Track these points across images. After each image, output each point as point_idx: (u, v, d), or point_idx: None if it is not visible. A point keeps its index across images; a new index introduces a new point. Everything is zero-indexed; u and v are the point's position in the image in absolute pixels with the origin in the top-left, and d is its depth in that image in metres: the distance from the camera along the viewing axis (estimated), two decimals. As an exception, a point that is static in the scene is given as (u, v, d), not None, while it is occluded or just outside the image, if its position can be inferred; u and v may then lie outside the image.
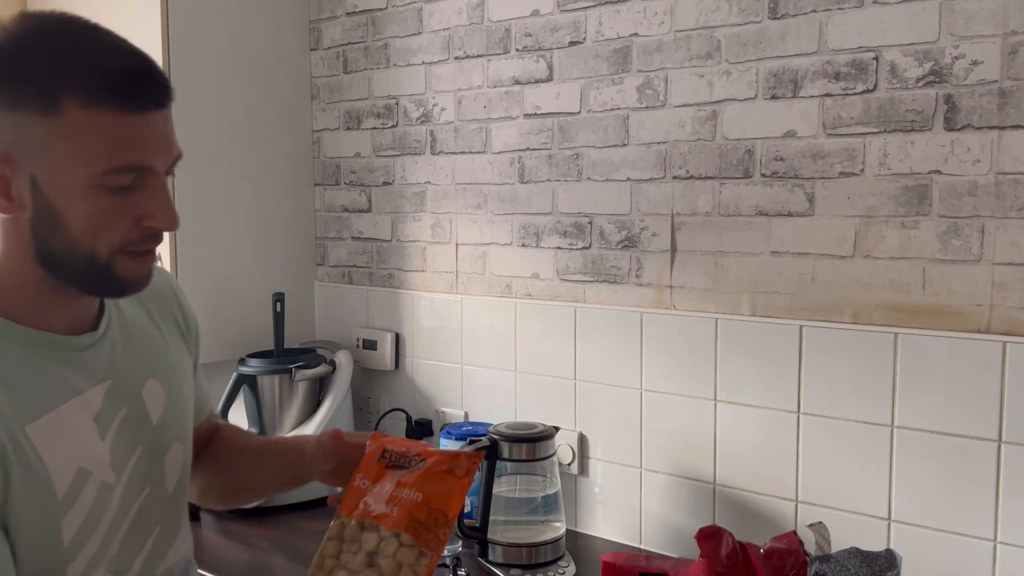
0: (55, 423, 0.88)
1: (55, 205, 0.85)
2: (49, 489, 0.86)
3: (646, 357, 1.77)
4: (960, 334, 1.43)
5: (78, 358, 0.94)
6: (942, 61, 1.43)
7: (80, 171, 0.83)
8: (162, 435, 1.02)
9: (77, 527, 0.89)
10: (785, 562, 1.32)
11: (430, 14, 2.10)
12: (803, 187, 1.58)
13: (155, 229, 0.89)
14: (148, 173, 0.87)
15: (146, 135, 0.85)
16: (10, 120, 0.83)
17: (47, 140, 0.83)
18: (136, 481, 0.98)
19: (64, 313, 0.93)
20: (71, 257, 0.87)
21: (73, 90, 0.82)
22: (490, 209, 2.02)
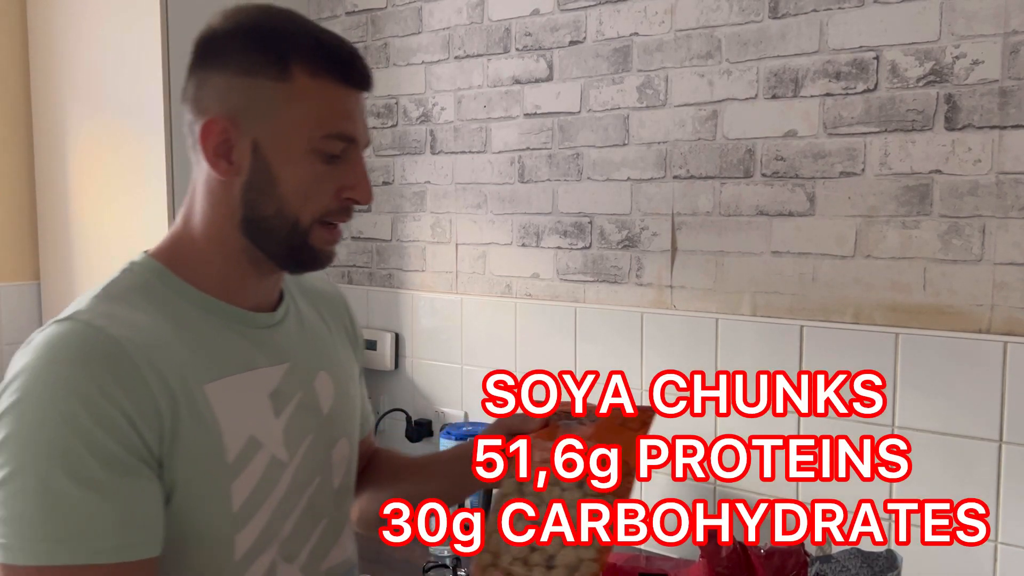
0: (232, 388, 0.91)
1: (272, 168, 0.90)
2: (220, 449, 0.88)
3: (647, 357, 1.77)
4: (961, 334, 1.43)
5: (259, 336, 0.96)
6: (943, 61, 1.43)
7: (302, 134, 0.89)
8: (331, 427, 1.03)
9: (247, 495, 0.90)
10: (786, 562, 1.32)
11: (430, 13, 2.09)
12: (804, 187, 1.58)
13: (352, 201, 0.94)
14: (353, 147, 0.93)
15: (355, 110, 0.93)
16: (244, 85, 0.89)
17: (275, 104, 0.89)
18: (307, 468, 0.98)
19: (251, 290, 0.97)
20: (277, 222, 0.91)
21: (301, 60, 0.89)
22: (490, 209, 2.02)
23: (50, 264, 2.38)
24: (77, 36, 2.23)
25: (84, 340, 0.83)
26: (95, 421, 0.80)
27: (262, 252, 0.94)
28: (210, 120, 0.90)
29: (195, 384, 0.87)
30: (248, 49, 0.90)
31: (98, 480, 0.80)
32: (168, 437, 0.84)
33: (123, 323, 0.86)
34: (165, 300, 0.91)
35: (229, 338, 0.93)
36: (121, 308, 0.88)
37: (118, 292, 0.91)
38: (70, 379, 0.80)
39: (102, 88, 2.17)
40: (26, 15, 2.38)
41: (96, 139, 2.19)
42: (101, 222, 2.21)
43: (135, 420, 0.82)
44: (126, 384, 0.82)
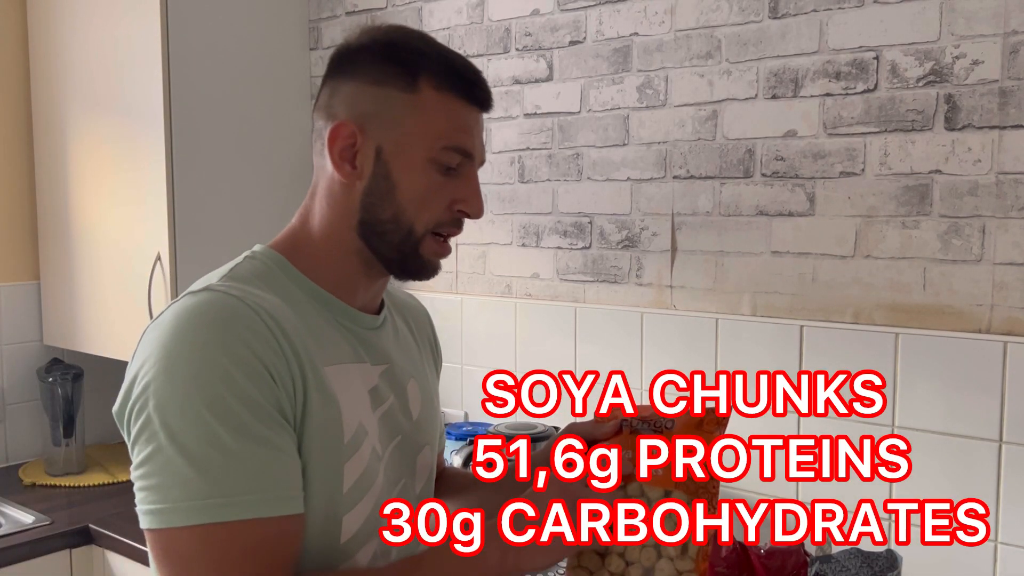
0: (344, 375, 0.94)
1: (393, 174, 0.94)
2: (340, 428, 0.91)
3: (647, 357, 1.77)
4: (961, 334, 1.43)
5: (365, 335, 1.00)
6: (943, 61, 1.43)
7: (424, 143, 0.93)
8: (417, 433, 1.05)
9: (355, 478, 0.92)
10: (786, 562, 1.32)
11: (430, 13, 2.09)
12: (804, 187, 1.58)
13: (464, 214, 0.97)
14: (469, 162, 0.97)
15: (475, 127, 0.98)
16: (373, 93, 0.94)
17: (402, 113, 0.93)
18: (395, 467, 1.00)
19: (360, 291, 1.00)
20: (392, 227, 0.95)
21: (429, 74, 0.94)
22: (490, 209, 2.02)
23: (50, 264, 2.38)
24: (77, 36, 2.23)
25: (225, 305, 0.86)
26: (246, 376, 0.82)
27: (375, 255, 0.97)
28: (339, 123, 0.94)
29: (318, 363, 0.90)
30: (380, 61, 0.95)
31: (254, 433, 0.82)
32: (300, 406, 0.87)
33: (255, 297, 0.89)
34: (284, 287, 0.95)
35: (339, 331, 0.97)
36: (249, 287, 0.91)
37: (243, 275, 0.94)
38: (218, 340, 0.83)
39: (102, 88, 2.17)
40: (26, 15, 2.38)
41: (96, 139, 2.19)
42: (101, 222, 2.21)
43: (277, 379, 0.84)
44: (266, 346, 0.85)
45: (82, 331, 2.29)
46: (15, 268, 2.40)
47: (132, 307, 2.10)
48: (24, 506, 2.06)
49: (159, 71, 2.02)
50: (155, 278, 2.04)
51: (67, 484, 2.22)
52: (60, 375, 2.27)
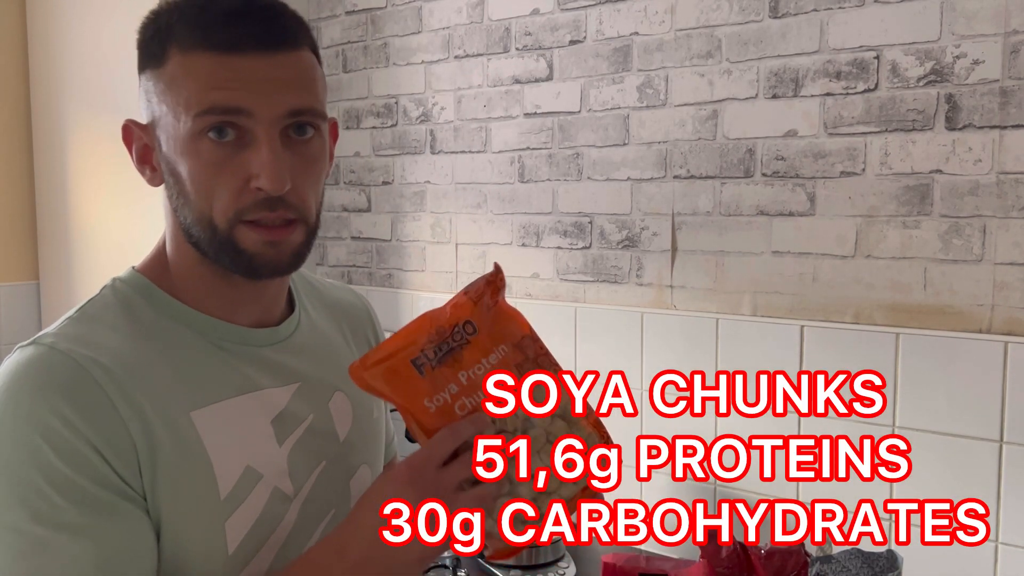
0: (224, 414, 0.81)
1: (174, 166, 0.80)
2: (211, 482, 0.79)
3: (647, 357, 1.77)
4: (961, 334, 1.43)
5: (262, 355, 0.87)
6: (943, 60, 1.42)
7: (182, 119, 0.77)
8: (349, 454, 0.93)
9: (245, 533, 0.81)
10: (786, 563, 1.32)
11: (430, 13, 2.09)
12: (804, 187, 1.58)
13: (260, 190, 0.78)
14: (251, 123, 0.77)
15: (240, 77, 0.77)
16: (142, 84, 0.81)
17: (158, 95, 0.80)
18: (320, 499, 0.89)
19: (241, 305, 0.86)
20: (199, 227, 0.80)
21: (176, 38, 0.78)
22: (490, 209, 2.02)
23: (50, 264, 2.37)
24: (77, 36, 2.23)
25: (44, 366, 0.75)
26: (59, 456, 0.72)
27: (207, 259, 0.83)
28: (124, 125, 0.83)
29: (179, 412, 0.79)
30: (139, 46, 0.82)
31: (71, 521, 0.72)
32: (147, 470, 0.76)
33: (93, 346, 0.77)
34: (149, 320, 0.83)
35: (223, 359, 0.84)
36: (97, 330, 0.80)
37: (96, 312, 0.82)
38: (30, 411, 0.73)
39: (102, 88, 2.16)
40: (26, 15, 2.38)
41: (96, 139, 2.19)
42: (101, 222, 2.21)
43: (103, 451, 0.73)
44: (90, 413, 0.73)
45: (82, 331, 2.28)
46: (15, 268, 2.40)
47: (132, 307, 2.10)
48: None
49: (159, 71, 2.01)
50: (155, 278, 2.04)
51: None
52: (60, 375, 2.27)
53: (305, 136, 0.82)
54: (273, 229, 0.80)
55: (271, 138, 0.78)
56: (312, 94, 0.82)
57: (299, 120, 0.80)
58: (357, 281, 2.29)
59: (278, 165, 0.78)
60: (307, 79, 0.81)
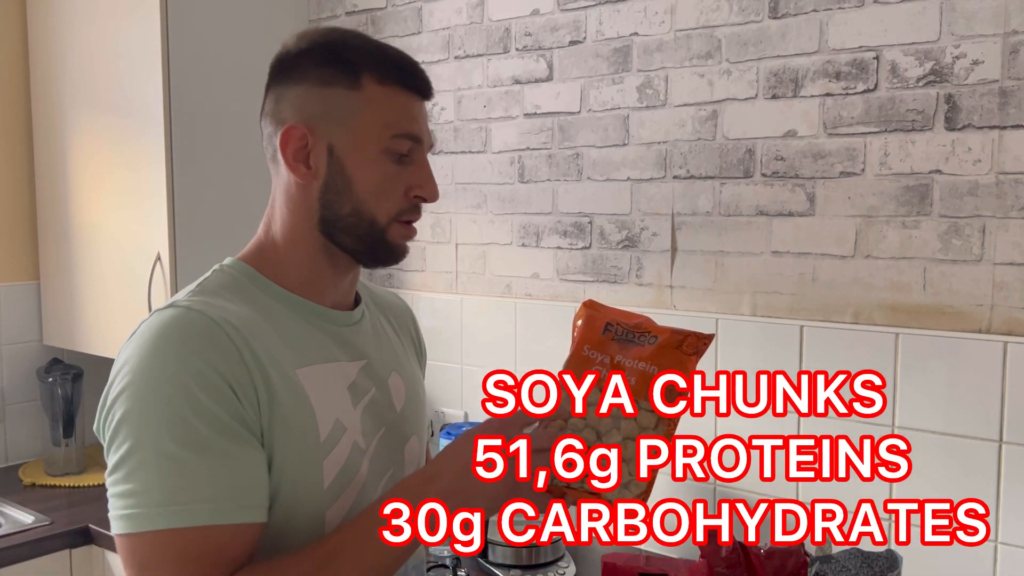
0: (319, 375, 0.97)
1: (348, 170, 0.98)
2: (314, 427, 0.94)
3: (646, 357, 1.77)
4: (961, 334, 1.43)
5: (339, 333, 1.03)
6: (943, 61, 1.43)
7: (374, 135, 0.97)
8: (403, 424, 1.08)
9: (335, 474, 0.95)
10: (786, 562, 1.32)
11: (430, 13, 2.09)
12: (804, 187, 1.58)
13: (420, 199, 1.01)
14: (419, 147, 1.01)
15: (419, 114, 1.01)
16: (319, 95, 0.98)
17: (349, 110, 0.97)
18: (381, 458, 1.03)
19: (330, 289, 1.03)
20: (354, 220, 0.99)
21: (371, 70, 0.98)
22: (490, 209, 2.02)
23: (50, 264, 2.38)
24: (77, 36, 2.23)
25: (187, 321, 0.90)
26: (204, 390, 0.86)
27: (340, 248, 1.01)
28: (289, 127, 0.98)
29: (288, 368, 0.94)
30: (322, 63, 0.98)
31: (212, 446, 0.86)
32: (266, 413, 0.90)
33: (218, 309, 0.92)
34: (253, 296, 0.98)
35: (312, 332, 1.00)
36: (217, 299, 0.95)
37: (211, 287, 0.97)
38: (178, 355, 0.87)
39: (102, 88, 2.17)
40: (26, 15, 2.38)
41: (96, 139, 2.19)
42: (101, 222, 2.21)
43: (238, 392, 0.88)
44: (226, 359, 0.88)
45: (82, 331, 2.29)
46: (15, 268, 2.39)
47: (132, 307, 2.10)
48: (24, 506, 2.06)
49: (159, 71, 2.01)
50: (155, 278, 2.04)
51: (67, 484, 2.22)
52: (60, 375, 2.27)
53: None
54: (412, 228, 1.03)
55: (428, 161, 1.03)
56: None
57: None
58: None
59: (435, 181, 1.03)
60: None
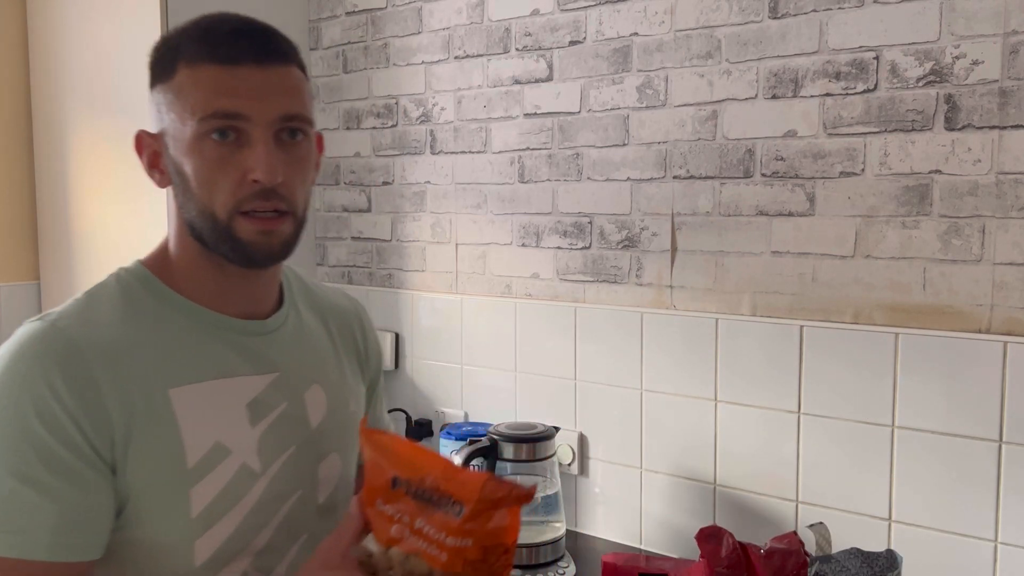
0: (201, 394, 0.91)
1: (181, 167, 0.91)
2: (180, 453, 0.88)
3: (646, 357, 1.77)
4: (961, 334, 1.43)
5: (245, 344, 0.97)
6: (943, 61, 1.43)
7: (188, 124, 0.89)
8: (320, 441, 1.02)
9: (208, 502, 0.90)
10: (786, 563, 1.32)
11: (430, 13, 2.09)
12: (804, 187, 1.58)
13: (257, 183, 0.89)
14: (247, 124, 0.89)
15: (239, 85, 0.89)
16: (153, 100, 0.93)
17: (167, 105, 0.91)
18: (286, 479, 0.97)
19: (236, 296, 0.97)
20: (201, 221, 0.91)
21: (183, 54, 0.90)
22: (490, 209, 2.02)
23: (50, 264, 2.38)
24: (77, 36, 2.23)
25: (43, 340, 0.85)
26: (42, 421, 0.82)
27: (210, 251, 0.93)
28: (137, 134, 0.94)
29: (158, 388, 0.89)
30: (153, 62, 0.94)
31: (39, 479, 0.81)
32: (121, 442, 0.85)
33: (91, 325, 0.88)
34: (145, 307, 0.93)
35: (210, 345, 0.94)
36: (97, 311, 0.90)
37: (100, 295, 0.93)
38: (25, 377, 0.83)
39: (102, 88, 2.16)
40: (26, 15, 2.38)
41: (96, 139, 2.19)
42: (101, 222, 2.21)
43: (82, 423, 0.83)
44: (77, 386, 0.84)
45: (82, 331, 2.28)
46: (15, 268, 2.40)
47: (132, 307, 2.10)
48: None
49: (159, 71, 2.01)
50: (155, 278, 2.04)
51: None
52: (60, 375, 2.27)
53: (295, 139, 0.93)
54: (266, 220, 0.91)
55: (266, 138, 0.90)
56: (301, 103, 0.93)
57: (290, 125, 0.92)
58: (357, 281, 2.30)
59: (271, 159, 0.89)
60: (296, 90, 0.93)
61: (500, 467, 1.69)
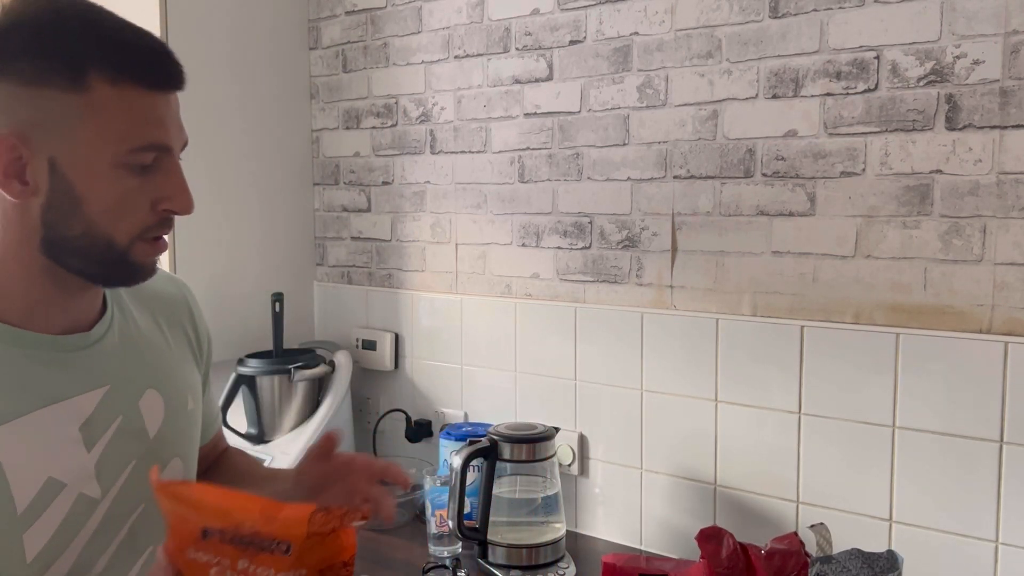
0: (24, 429, 0.83)
1: (76, 188, 0.82)
2: (7, 499, 0.81)
3: (647, 357, 1.77)
4: (961, 334, 1.42)
5: (71, 360, 0.89)
6: (943, 60, 1.42)
7: (106, 149, 0.81)
8: (160, 449, 0.96)
9: (45, 542, 0.83)
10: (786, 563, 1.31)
11: (430, 13, 2.09)
12: (804, 187, 1.58)
13: (171, 212, 0.87)
14: (166, 154, 0.85)
15: (166, 114, 0.85)
16: (30, 96, 0.80)
17: (72, 118, 0.80)
18: (129, 497, 0.92)
19: (59, 311, 0.89)
20: (86, 242, 0.84)
21: (101, 66, 0.80)
22: (490, 209, 2.01)
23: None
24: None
25: None
26: None
27: (68, 271, 0.86)
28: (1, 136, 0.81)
29: None
30: (35, 55, 0.80)
31: None
32: None
33: None
34: None
35: (29, 371, 0.85)
36: None
37: None
38: None
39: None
40: (25, 15, 2.37)
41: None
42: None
43: None
44: None
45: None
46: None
47: (131, 307, 2.09)
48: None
49: (158, 71, 2.01)
50: (154, 278, 2.04)
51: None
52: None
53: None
54: (161, 243, 0.89)
55: (179, 168, 0.87)
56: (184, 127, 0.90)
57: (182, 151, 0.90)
58: (357, 281, 2.29)
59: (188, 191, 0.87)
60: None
61: (500, 467, 1.69)
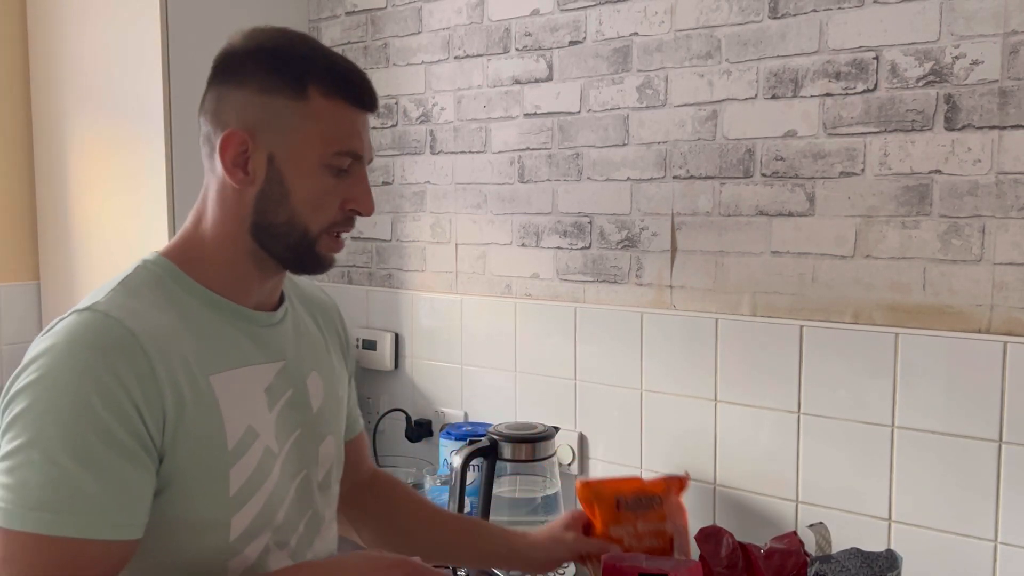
0: (233, 380, 0.98)
1: (286, 180, 0.98)
2: (221, 437, 0.95)
3: (646, 357, 1.77)
4: (961, 334, 1.43)
5: (259, 334, 1.04)
6: (943, 61, 1.43)
7: (316, 150, 0.98)
8: (319, 424, 1.10)
9: (243, 481, 0.97)
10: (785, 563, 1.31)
11: (430, 13, 2.09)
12: (803, 187, 1.58)
13: (356, 212, 1.02)
14: (358, 162, 1.01)
15: (363, 129, 1.02)
16: (261, 102, 0.97)
17: (292, 121, 0.97)
18: (294, 460, 1.05)
19: (255, 290, 1.04)
20: (287, 229, 0.99)
21: (317, 81, 0.98)
22: (490, 209, 2.02)
23: (50, 264, 2.38)
24: (77, 36, 2.23)
25: (103, 329, 0.89)
26: (106, 407, 0.86)
27: (268, 255, 1.01)
28: (231, 132, 0.97)
29: (201, 375, 0.94)
30: (267, 69, 0.98)
31: (99, 462, 0.86)
32: (171, 428, 0.91)
33: (138, 316, 0.92)
34: (175, 296, 0.98)
35: (231, 334, 1.01)
36: (136, 302, 0.95)
37: (133, 286, 0.97)
38: (88, 365, 0.87)
39: (102, 88, 2.16)
40: (26, 15, 2.38)
41: (96, 139, 2.19)
42: (101, 222, 2.21)
43: (142, 410, 0.88)
44: (138, 375, 0.88)
45: (82, 331, 2.28)
46: (15, 268, 2.39)
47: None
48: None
49: (159, 71, 2.01)
50: (155, 278, 2.04)
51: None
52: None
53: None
54: (342, 240, 1.04)
55: (366, 176, 1.03)
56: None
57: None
58: (357, 281, 2.29)
59: (372, 196, 1.03)
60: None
61: (500, 467, 1.69)
